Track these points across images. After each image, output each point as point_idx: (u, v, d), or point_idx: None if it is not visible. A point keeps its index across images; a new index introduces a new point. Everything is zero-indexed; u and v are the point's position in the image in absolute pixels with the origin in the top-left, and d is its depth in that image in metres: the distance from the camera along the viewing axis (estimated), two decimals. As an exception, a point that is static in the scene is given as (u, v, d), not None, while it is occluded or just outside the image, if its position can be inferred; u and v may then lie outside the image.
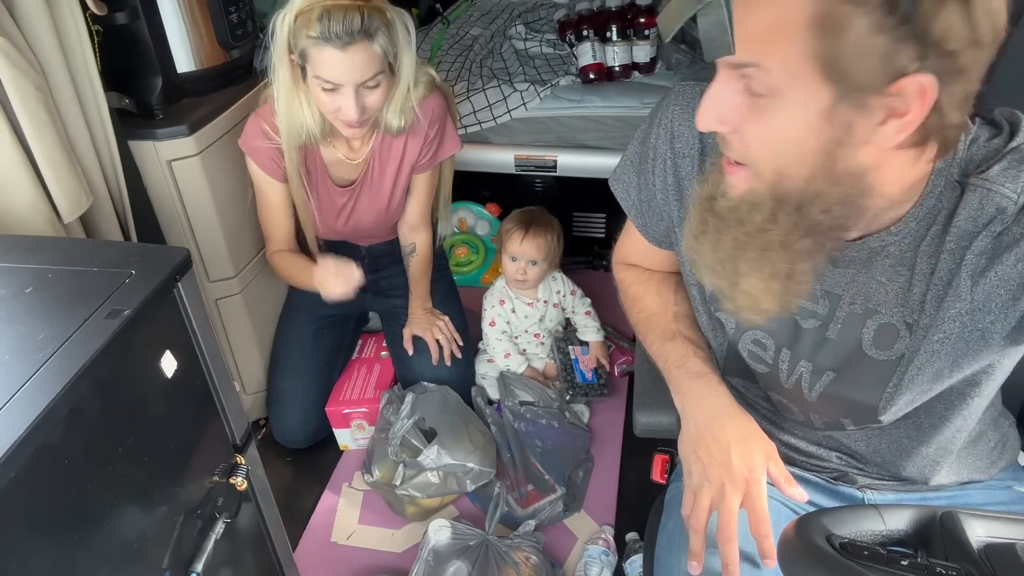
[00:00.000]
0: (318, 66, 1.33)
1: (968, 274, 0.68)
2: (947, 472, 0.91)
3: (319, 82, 1.35)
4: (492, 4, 2.84)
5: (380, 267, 1.88)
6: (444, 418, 1.67)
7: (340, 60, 1.30)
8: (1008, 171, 0.66)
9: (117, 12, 1.38)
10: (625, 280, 1.04)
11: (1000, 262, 0.66)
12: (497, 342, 1.90)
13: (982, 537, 0.58)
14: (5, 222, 1.17)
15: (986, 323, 0.69)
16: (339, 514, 1.72)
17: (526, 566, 1.46)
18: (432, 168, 1.68)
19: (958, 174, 0.69)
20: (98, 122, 1.33)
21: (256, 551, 1.10)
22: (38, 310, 0.77)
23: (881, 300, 0.75)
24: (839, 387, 0.81)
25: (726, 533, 0.76)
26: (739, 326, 0.87)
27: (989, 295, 0.68)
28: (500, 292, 1.92)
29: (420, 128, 1.56)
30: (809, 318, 0.80)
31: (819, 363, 0.82)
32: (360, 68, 1.33)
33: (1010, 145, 0.67)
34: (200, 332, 0.90)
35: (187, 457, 0.91)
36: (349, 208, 1.66)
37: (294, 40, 1.33)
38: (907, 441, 0.87)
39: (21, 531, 0.65)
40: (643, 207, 0.94)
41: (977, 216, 0.67)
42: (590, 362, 1.93)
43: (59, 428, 0.66)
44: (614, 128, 2.08)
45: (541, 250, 1.82)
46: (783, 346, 0.84)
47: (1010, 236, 0.66)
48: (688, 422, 0.84)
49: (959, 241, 0.69)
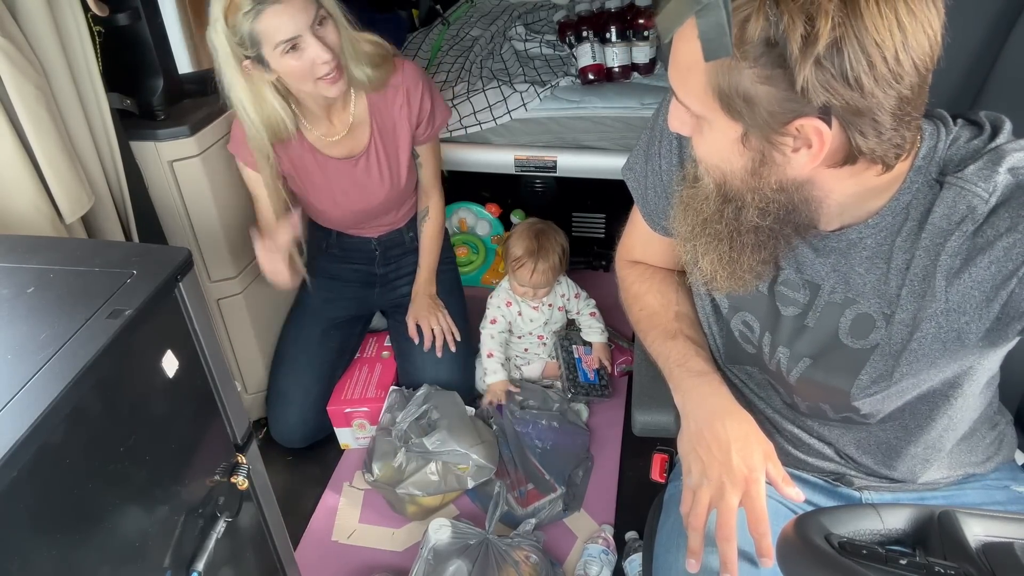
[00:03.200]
0: (270, 34, 1.32)
1: (943, 275, 0.70)
2: (939, 468, 0.92)
3: (281, 50, 1.33)
4: (492, 5, 2.84)
5: (391, 259, 1.90)
6: (454, 410, 1.70)
7: (283, 11, 1.30)
8: (983, 171, 0.68)
9: (118, 13, 1.39)
10: (627, 278, 1.05)
11: (974, 264, 0.68)
12: (490, 340, 1.89)
13: (980, 536, 0.58)
14: (7, 222, 1.18)
15: (961, 324, 0.71)
16: (340, 513, 1.72)
17: (526, 565, 1.46)
18: (435, 138, 1.71)
19: (936, 172, 0.71)
20: (99, 123, 1.34)
21: (257, 550, 1.10)
22: (40, 310, 0.77)
23: (860, 290, 0.77)
24: (815, 373, 0.84)
25: (725, 531, 0.76)
26: (731, 307, 0.90)
27: (964, 296, 0.70)
28: (507, 294, 1.93)
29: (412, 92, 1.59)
30: (790, 306, 0.83)
31: (796, 350, 0.84)
32: (302, 7, 1.32)
33: (989, 145, 0.69)
34: (201, 332, 0.90)
35: (188, 456, 0.91)
36: (360, 180, 1.66)
37: (236, 38, 1.33)
38: (895, 441, 0.88)
39: (23, 531, 0.65)
40: (649, 193, 0.95)
41: (950, 214, 0.70)
42: (593, 362, 1.93)
43: (60, 428, 0.67)
44: (613, 129, 2.08)
45: (551, 277, 1.85)
46: (767, 330, 0.87)
47: (984, 239, 0.68)
48: (688, 421, 0.84)
49: (933, 238, 0.71)
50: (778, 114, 0.63)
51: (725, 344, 0.95)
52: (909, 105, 0.62)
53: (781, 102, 0.62)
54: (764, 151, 0.67)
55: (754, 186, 0.70)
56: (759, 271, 0.79)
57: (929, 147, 0.71)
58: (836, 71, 0.58)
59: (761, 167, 0.68)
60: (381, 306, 2.00)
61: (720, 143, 0.69)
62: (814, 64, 0.58)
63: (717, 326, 0.94)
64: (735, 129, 0.66)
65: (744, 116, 0.64)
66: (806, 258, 0.80)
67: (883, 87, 0.60)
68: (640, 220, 1.00)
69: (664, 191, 0.92)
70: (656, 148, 0.91)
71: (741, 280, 0.79)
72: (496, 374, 1.85)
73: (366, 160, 1.64)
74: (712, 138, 0.70)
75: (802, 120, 0.62)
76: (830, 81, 0.59)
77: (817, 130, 0.63)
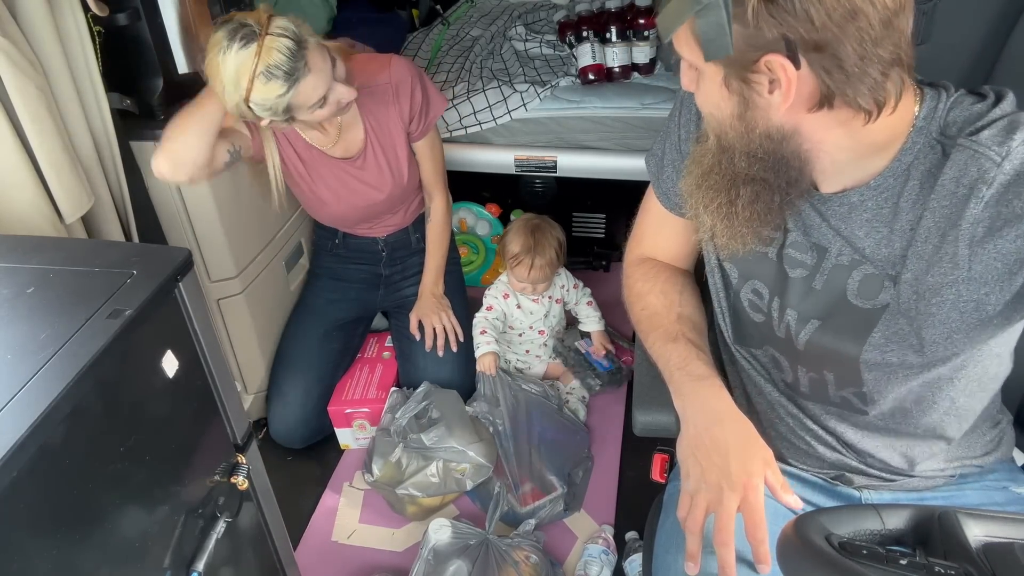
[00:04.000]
0: (305, 101, 1.33)
1: (966, 243, 0.71)
2: (937, 460, 0.92)
3: (314, 108, 1.36)
4: (492, 5, 2.84)
5: (397, 260, 1.90)
6: (453, 408, 1.70)
7: (313, 78, 1.31)
8: (996, 136, 0.69)
9: (118, 13, 1.39)
10: (631, 276, 1.05)
11: (1000, 235, 0.69)
12: (484, 320, 1.89)
13: (980, 536, 0.58)
14: (7, 222, 1.18)
15: (981, 294, 0.72)
16: (340, 513, 1.72)
17: (526, 565, 1.46)
18: (430, 132, 1.71)
19: (937, 132, 0.73)
20: (99, 123, 1.34)
21: (257, 550, 1.10)
22: (40, 310, 0.77)
23: (865, 252, 0.79)
24: (823, 335, 0.84)
25: (722, 537, 0.76)
26: (740, 275, 0.91)
27: (986, 267, 0.70)
28: (505, 287, 1.93)
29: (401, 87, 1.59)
30: (797, 268, 0.84)
31: (804, 311, 0.85)
32: (323, 63, 1.33)
33: (995, 111, 0.71)
34: (201, 332, 0.90)
35: (188, 456, 0.91)
36: (362, 178, 1.67)
37: (262, 110, 1.32)
38: (894, 425, 0.89)
39: (23, 531, 0.65)
40: (666, 170, 0.97)
41: (960, 176, 0.70)
42: (599, 350, 1.94)
43: (60, 428, 0.67)
44: (613, 129, 2.08)
45: (549, 272, 1.86)
46: (775, 294, 0.88)
47: (1010, 210, 0.68)
48: (688, 425, 0.84)
49: (942, 200, 0.72)
50: (745, 51, 0.66)
51: (733, 320, 0.96)
52: (875, 46, 0.64)
53: (746, 38, 0.65)
54: (745, 94, 0.70)
55: (743, 132, 0.74)
56: (759, 231, 0.81)
57: (930, 108, 0.73)
58: (785, 2, 0.62)
59: (746, 112, 0.72)
60: (385, 307, 2.00)
61: (710, 90, 0.73)
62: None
63: (727, 301, 0.95)
64: (717, 72, 0.71)
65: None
66: (812, 222, 0.81)
67: (836, 21, 0.62)
68: (652, 206, 1.02)
69: (682, 162, 0.94)
70: (676, 120, 0.94)
71: (740, 236, 0.81)
72: (488, 346, 1.85)
73: (363, 159, 1.65)
74: (704, 88, 0.74)
75: (768, 56, 0.66)
76: (780, 13, 0.62)
77: (782, 66, 0.65)
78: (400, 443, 1.64)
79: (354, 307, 1.91)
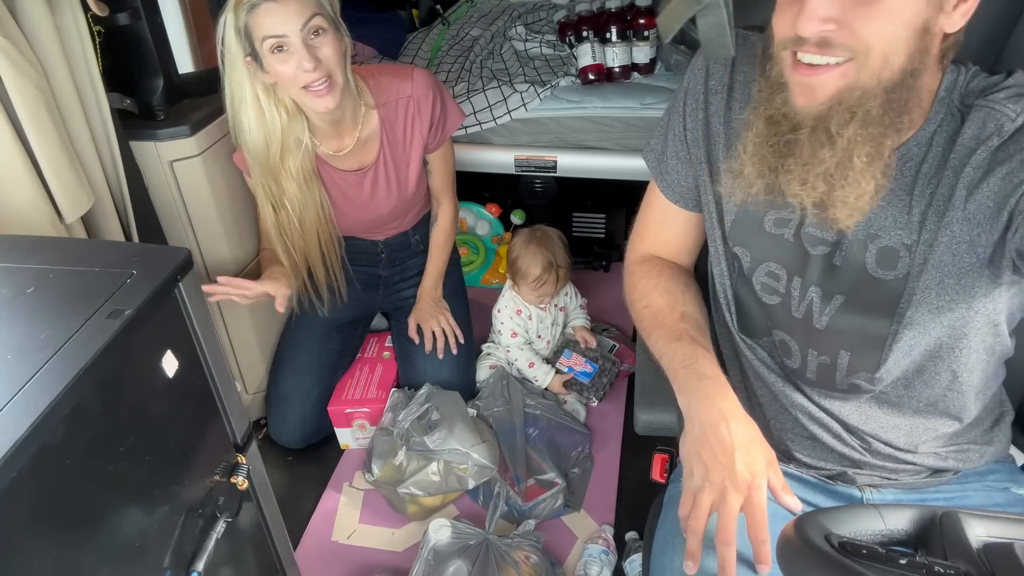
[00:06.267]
0: (260, 28, 1.32)
1: (964, 185, 0.74)
2: (938, 440, 0.92)
3: (268, 47, 1.33)
4: (492, 5, 2.84)
5: (396, 262, 1.89)
6: (455, 410, 1.70)
7: (275, 10, 1.31)
8: (1012, 96, 0.74)
9: (118, 13, 1.39)
10: (634, 274, 1.05)
11: (993, 175, 0.73)
12: (520, 352, 1.91)
13: (981, 537, 0.58)
14: (6, 222, 1.18)
15: (974, 235, 0.75)
16: (340, 513, 1.72)
17: (526, 565, 1.46)
18: (444, 144, 1.71)
19: (958, 101, 0.77)
20: (99, 123, 1.34)
21: (257, 550, 1.10)
22: (39, 310, 0.77)
23: (880, 225, 0.80)
24: (848, 312, 0.85)
25: (724, 536, 0.76)
26: (754, 259, 0.91)
27: (979, 206, 0.73)
28: (514, 302, 1.93)
29: (423, 102, 1.58)
30: (819, 245, 0.85)
31: (828, 288, 0.86)
32: (296, 10, 1.32)
33: (1009, 80, 0.75)
34: (201, 332, 0.90)
35: (188, 456, 0.91)
36: (367, 193, 1.66)
37: (240, 33, 1.34)
38: (897, 400, 0.89)
39: (23, 531, 0.65)
40: (670, 163, 0.97)
41: (979, 133, 0.74)
42: (578, 359, 1.92)
43: (60, 428, 0.67)
44: (614, 129, 2.08)
45: (568, 273, 1.90)
46: (795, 274, 0.88)
47: (1005, 152, 0.72)
48: (693, 423, 0.84)
49: (961, 159, 0.75)
50: None
51: (739, 309, 0.96)
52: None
53: None
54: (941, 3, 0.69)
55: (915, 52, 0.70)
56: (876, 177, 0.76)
57: (951, 80, 0.77)
58: None
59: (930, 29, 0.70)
60: (384, 308, 2.00)
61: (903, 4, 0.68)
62: None
63: (732, 289, 0.95)
64: None
65: None
66: None
67: None
68: (655, 200, 1.02)
69: (683, 156, 0.95)
70: (680, 109, 0.94)
71: (855, 185, 0.76)
72: (548, 376, 1.89)
73: (374, 173, 1.63)
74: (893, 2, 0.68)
75: None
76: None
77: None
78: (403, 446, 1.63)
79: (353, 308, 1.90)
